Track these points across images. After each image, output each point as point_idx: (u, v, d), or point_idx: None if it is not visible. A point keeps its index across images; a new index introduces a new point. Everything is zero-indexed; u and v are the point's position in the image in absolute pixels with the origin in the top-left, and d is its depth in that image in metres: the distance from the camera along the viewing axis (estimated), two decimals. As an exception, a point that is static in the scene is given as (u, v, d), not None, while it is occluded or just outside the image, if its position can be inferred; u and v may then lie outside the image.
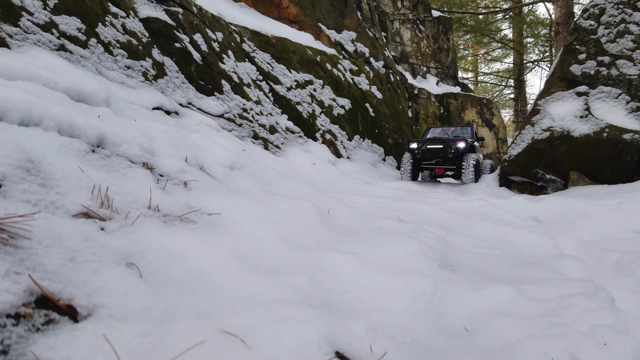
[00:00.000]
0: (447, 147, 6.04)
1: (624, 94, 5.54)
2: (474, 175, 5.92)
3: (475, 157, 5.97)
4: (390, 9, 9.86)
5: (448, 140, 6.10)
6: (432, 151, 6.09)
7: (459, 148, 6.02)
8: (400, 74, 8.85)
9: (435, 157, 6.04)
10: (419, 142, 6.25)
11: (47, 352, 0.89)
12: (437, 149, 6.08)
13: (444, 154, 6.03)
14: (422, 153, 6.11)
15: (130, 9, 3.98)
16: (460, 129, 7.07)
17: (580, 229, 3.22)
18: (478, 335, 1.40)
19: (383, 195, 4.52)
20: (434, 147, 6.12)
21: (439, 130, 7.21)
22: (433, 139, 6.22)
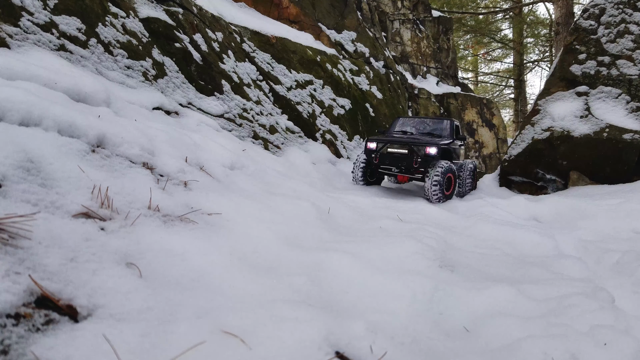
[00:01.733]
0: (413, 153, 4.17)
1: (624, 94, 5.54)
2: (439, 193, 4.04)
3: (446, 167, 4.10)
4: (390, 9, 9.87)
5: (415, 143, 4.24)
6: (393, 156, 4.25)
7: (429, 155, 4.14)
8: (400, 74, 8.85)
9: (396, 164, 4.27)
10: (379, 143, 4.41)
11: (47, 352, 0.89)
12: (400, 154, 4.25)
13: (407, 162, 4.19)
14: (381, 158, 4.31)
15: (130, 9, 3.98)
16: (438, 122, 4.97)
17: (581, 229, 3.22)
18: (478, 335, 1.40)
19: (383, 195, 4.51)
20: (396, 152, 4.26)
21: (411, 122, 5.08)
22: (397, 141, 4.32)
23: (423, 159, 4.18)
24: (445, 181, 4.16)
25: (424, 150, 4.21)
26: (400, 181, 4.69)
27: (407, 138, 4.48)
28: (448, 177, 4.22)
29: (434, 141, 4.35)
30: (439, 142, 4.35)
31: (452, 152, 4.72)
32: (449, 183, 4.27)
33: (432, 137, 4.64)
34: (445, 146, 4.49)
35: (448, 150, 4.60)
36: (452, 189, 4.31)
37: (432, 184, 4.02)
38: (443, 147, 4.42)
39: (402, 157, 4.28)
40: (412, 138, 4.50)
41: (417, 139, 4.43)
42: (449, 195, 4.26)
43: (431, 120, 5.06)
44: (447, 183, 4.21)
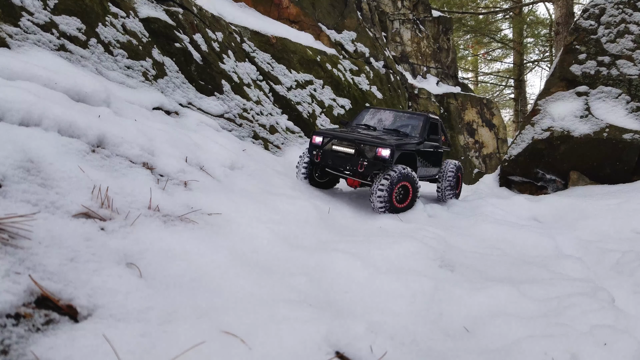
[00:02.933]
0: (360, 154, 3.18)
1: (624, 94, 5.54)
2: (384, 206, 3.09)
3: (397, 175, 3.09)
4: (390, 9, 9.87)
5: (365, 141, 3.20)
6: (337, 156, 3.26)
7: (379, 158, 3.10)
8: (400, 73, 8.85)
9: (340, 165, 3.25)
10: (325, 137, 3.37)
11: (47, 352, 0.89)
12: (345, 154, 3.25)
13: (352, 164, 3.18)
14: (323, 156, 3.31)
15: (130, 9, 3.98)
16: (411, 117, 3.92)
17: (581, 229, 3.22)
18: (478, 335, 1.40)
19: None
20: (340, 151, 3.27)
21: (380, 115, 4.05)
22: (344, 137, 3.30)
23: (371, 162, 3.09)
24: (401, 191, 3.18)
25: (375, 152, 3.09)
26: (350, 185, 3.56)
27: (358, 135, 3.33)
28: (403, 187, 3.17)
29: (390, 141, 3.18)
30: (399, 143, 3.23)
31: (420, 155, 3.58)
32: (406, 193, 3.20)
33: (396, 135, 3.56)
34: (408, 148, 3.38)
35: (411, 153, 3.46)
36: (410, 200, 3.23)
37: (376, 196, 3.06)
38: (403, 149, 3.28)
39: (347, 158, 3.18)
40: (364, 135, 3.35)
41: (370, 137, 3.28)
42: (403, 208, 3.19)
43: (405, 114, 3.98)
44: (402, 193, 3.20)
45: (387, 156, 3.09)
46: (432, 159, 3.91)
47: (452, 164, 4.29)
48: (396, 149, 3.17)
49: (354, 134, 3.42)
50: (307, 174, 3.65)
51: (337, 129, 3.87)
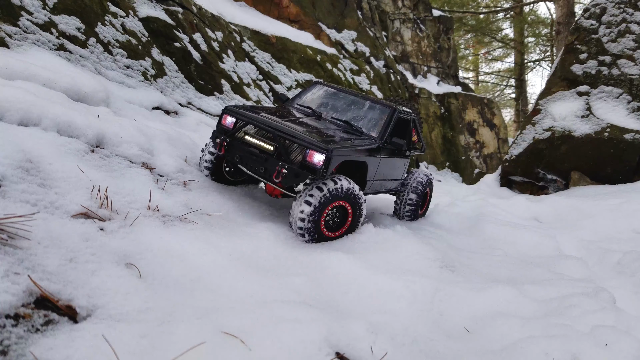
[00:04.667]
0: (280, 154, 2.09)
1: (625, 94, 5.53)
2: (308, 230, 2.03)
3: (331, 191, 2.04)
4: (390, 8, 9.86)
5: (293, 136, 2.06)
6: (248, 152, 2.15)
7: (307, 166, 2.02)
8: (400, 73, 8.84)
9: (253, 167, 2.15)
10: (240, 119, 2.24)
11: (47, 352, 0.88)
12: (259, 150, 2.16)
13: (267, 168, 2.09)
14: (231, 148, 2.21)
15: (129, 9, 3.98)
16: (373, 108, 2.74)
17: (582, 229, 3.22)
18: (479, 336, 1.40)
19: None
20: (255, 145, 2.18)
21: (333, 98, 2.85)
22: (264, 124, 2.13)
23: (293, 169, 1.98)
24: (335, 213, 2.11)
25: (304, 155, 2.01)
26: (270, 194, 2.36)
27: (285, 124, 2.13)
28: (340, 208, 2.12)
29: (330, 142, 2.08)
30: (342, 147, 2.11)
31: (375, 164, 2.45)
32: (343, 217, 2.15)
33: (345, 133, 2.39)
34: (357, 155, 2.25)
35: (362, 162, 2.35)
36: (347, 227, 2.17)
37: (296, 217, 1.99)
38: (348, 157, 2.16)
39: (261, 158, 2.08)
40: (296, 126, 2.19)
41: (303, 130, 2.15)
42: (336, 237, 2.13)
43: (366, 102, 2.73)
44: (338, 217, 2.14)
45: (319, 164, 1.93)
46: (392, 168, 2.75)
47: (421, 176, 3.10)
48: (335, 156, 1.97)
49: (282, 121, 2.16)
50: (212, 169, 2.35)
51: (266, 108, 2.55)
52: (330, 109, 2.77)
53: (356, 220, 2.23)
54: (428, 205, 3.41)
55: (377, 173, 2.58)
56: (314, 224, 2.01)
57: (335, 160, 2.04)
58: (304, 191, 2.06)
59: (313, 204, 1.99)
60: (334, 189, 2.05)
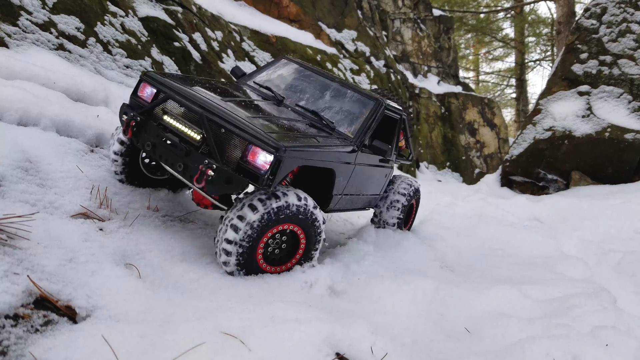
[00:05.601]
0: (208, 151, 1.41)
1: (625, 94, 5.53)
2: (238, 260, 1.38)
3: (279, 207, 1.40)
4: (391, 8, 9.85)
5: (230, 122, 1.39)
6: (164, 141, 1.43)
7: (247, 168, 1.37)
8: (401, 73, 8.84)
9: (168, 160, 1.42)
10: (163, 91, 1.51)
11: (46, 353, 0.88)
12: (179, 139, 1.45)
13: (189, 165, 1.40)
14: (141, 132, 1.47)
15: (129, 8, 3.97)
16: (354, 97, 2.06)
17: (582, 229, 3.21)
18: (479, 336, 1.40)
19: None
20: (175, 129, 1.46)
21: (300, 78, 2.16)
22: (191, 102, 1.44)
23: (222, 172, 1.38)
24: (282, 239, 1.55)
25: (244, 152, 1.43)
26: (198, 203, 1.71)
27: (224, 104, 1.54)
28: (290, 234, 1.56)
29: (286, 137, 1.52)
30: (300, 145, 1.52)
31: (345, 174, 1.89)
32: (293, 245, 1.60)
33: (311, 127, 1.81)
34: (321, 158, 1.67)
35: (329, 170, 1.78)
36: (298, 258, 1.61)
37: (222, 242, 1.42)
38: (307, 160, 1.57)
39: (180, 149, 1.46)
40: (241, 108, 1.61)
41: (246, 116, 1.53)
42: (279, 271, 1.56)
43: (347, 91, 2.10)
44: (287, 244, 1.58)
45: (264, 168, 1.37)
46: (370, 181, 2.15)
47: (404, 186, 2.50)
48: (288, 158, 1.40)
49: (221, 100, 1.55)
50: (123, 165, 1.71)
51: (207, 80, 1.85)
52: (296, 93, 2.05)
53: (311, 248, 1.56)
54: (413, 220, 2.78)
55: (349, 185, 1.90)
56: (246, 256, 1.36)
57: (289, 163, 1.39)
58: (237, 203, 1.40)
59: (242, 229, 1.34)
60: (277, 208, 1.38)
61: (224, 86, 1.88)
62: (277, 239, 1.51)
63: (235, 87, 1.94)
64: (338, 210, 2.05)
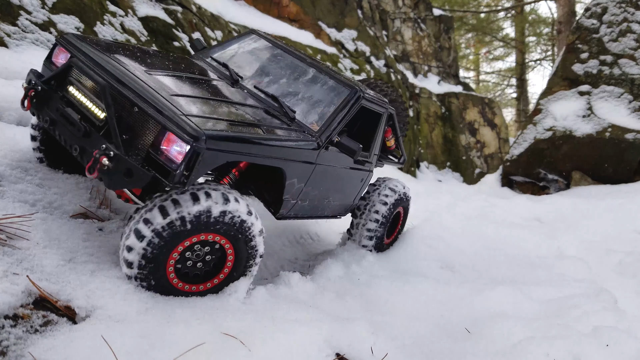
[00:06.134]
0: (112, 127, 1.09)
1: (626, 93, 5.52)
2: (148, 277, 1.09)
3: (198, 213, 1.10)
4: (391, 8, 9.84)
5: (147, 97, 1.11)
6: (62, 116, 1.17)
7: (157, 157, 1.09)
8: (401, 73, 8.84)
9: (65, 139, 1.17)
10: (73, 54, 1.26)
11: (46, 353, 0.88)
12: (79, 119, 1.15)
13: (85, 150, 1.14)
14: (40, 104, 1.24)
15: (129, 8, 3.97)
16: (326, 82, 1.72)
17: (583, 230, 3.20)
18: (479, 337, 1.39)
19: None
20: (77, 102, 1.20)
21: (267, 56, 1.87)
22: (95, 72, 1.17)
23: (123, 162, 1.09)
24: (204, 251, 1.22)
25: (156, 137, 1.14)
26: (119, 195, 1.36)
27: (142, 76, 1.25)
28: (211, 246, 1.22)
29: (216, 122, 1.21)
30: (239, 133, 1.25)
31: (302, 174, 1.59)
32: (218, 262, 1.26)
33: (264, 112, 1.53)
34: (264, 147, 1.34)
35: (275, 169, 1.47)
36: (224, 277, 1.27)
37: (124, 254, 1.11)
38: (240, 153, 1.24)
39: (78, 128, 1.17)
40: (170, 83, 1.33)
41: (167, 92, 1.22)
42: (207, 290, 1.24)
43: (318, 73, 1.81)
44: (211, 260, 1.24)
45: (178, 160, 1.12)
46: (339, 184, 1.86)
47: (386, 191, 2.12)
48: (212, 150, 1.15)
49: (143, 71, 1.31)
50: (45, 143, 1.48)
51: (143, 50, 1.61)
52: (259, 73, 1.78)
53: (242, 265, 1.26)
54: (400, 230, 2.30)
55: (308, 189, 1.59)
56: (152, 270, 1.11)
57: (212, 157, 1.12)
58: (143, 207, 1.14)
59: (147, 236, 1.08)
60: (195, 213, 1.11)
61: (165, 58, 1.58)
62: (198, 250, 1.17)
63: (182, 61, 1.65)
64: (295, 218, 1.71)
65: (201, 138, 1.07)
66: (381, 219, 2.05)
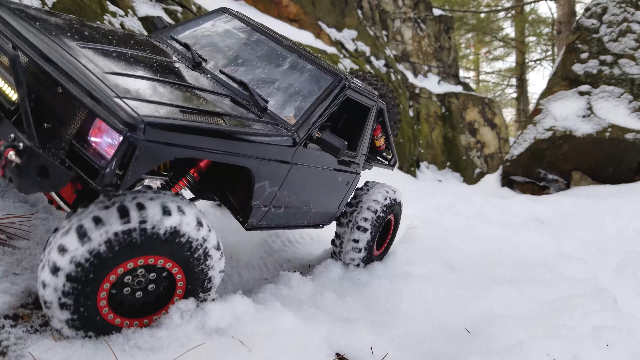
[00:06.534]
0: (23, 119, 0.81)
1: (626, 93, 5.52)
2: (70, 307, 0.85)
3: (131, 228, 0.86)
4: (391, 8, 9.84)
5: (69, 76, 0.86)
6: None
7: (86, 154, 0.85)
8: (401, 73, 8.84)
9: None
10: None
11: (46, 353, 0.88)
12: None
13: None
14: None
15: (128, 8, 3.97)
16: (303, 69, 1.46)
17: (583, 229, 3.20)
18: (479, 337, 1.39)
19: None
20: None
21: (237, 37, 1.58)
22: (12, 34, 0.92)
23: (35, 155, 0.82)
24: (149, 277, 0.97)
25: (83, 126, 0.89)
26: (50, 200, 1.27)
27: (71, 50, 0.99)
28: (150, 271, 0.96)
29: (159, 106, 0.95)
30: (193, 122, 0.98)
31: (268, 174, 1.30)
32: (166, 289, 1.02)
33: (230, 101, 1.27)
34: (225, 142, 1.06)
35: (244, 169, 1.22)
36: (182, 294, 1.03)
37: (41, 281, 0.88)
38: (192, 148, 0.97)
39: None
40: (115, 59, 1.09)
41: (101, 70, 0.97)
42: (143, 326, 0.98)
43: (295, 58, 1.55)
44: (161, 279, 1.00)
45: (108, 155, 0.88)
46: (320, 188, 1.64)
47: (376, 197, 1.87)
48: (155, 142, 0.90)
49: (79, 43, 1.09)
50: None
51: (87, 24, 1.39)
52: (227, 56, 1.53)
53: (196, 291, 1.05)
54: (391, 241, 2.06)
55: (282, 194, 1.38)
56: (78, 308, 0.90)
57: (154, 152, 0.91)
58: (59, 229, 0.93)
59: (64, 268, 0.87)
60: (124, 233, 0.90)
61: (110, 33, 1.32)
62: (140, 275, 0.94)
63: (132, 38, 1.38)
64: (268, 228, 1.43)
65: (138, 126, 0.82)
66: (370, 228, 1.76)
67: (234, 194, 1.30)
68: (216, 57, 1.49)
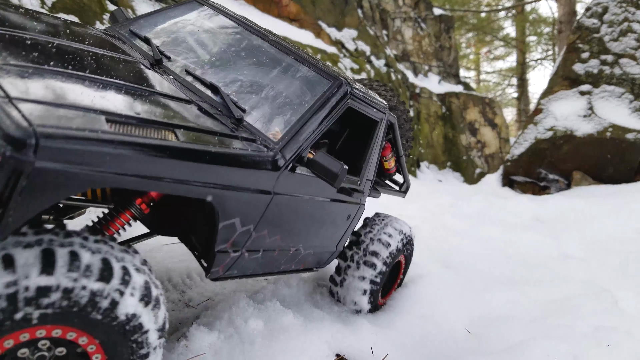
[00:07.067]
0: None
1: (627, 93, 5.50)
2: None
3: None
4: (391, 7, 9.83)
5: None
6: None
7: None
8: (401, 72, 8.82)
9: None
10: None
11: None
12: None
13: None
14: None
15: (128, 7, 3.97)
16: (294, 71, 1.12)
17: (584, 230, 3.20)
18: (480, 337, 1.39)
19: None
20: None
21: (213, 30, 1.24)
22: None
23: None
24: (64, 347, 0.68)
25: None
26: None
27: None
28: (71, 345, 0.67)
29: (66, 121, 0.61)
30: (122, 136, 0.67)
31: (240, 209, 0.92)
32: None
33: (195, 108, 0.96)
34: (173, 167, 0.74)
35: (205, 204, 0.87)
36: None
37: None
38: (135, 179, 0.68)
39: None
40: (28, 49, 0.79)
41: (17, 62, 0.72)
42: None
43: (284, 56, 1.22)
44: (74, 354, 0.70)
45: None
46: (312, 223, 1.30)
47: (393, 228, 1.59)
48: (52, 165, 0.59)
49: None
50: None
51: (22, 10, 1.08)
52: (198, 54, 1.25)
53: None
54: (400, 283, 1.71)
55: (260, 233, 1.07)
56: None
57: (54, 182, 0.63)
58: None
59: None
60: (8, 297, 0.63)
61: (35, 19, 1.04)
62: (43, 348, 0.70)
63: (69, 30, 1.10)
64: (241, 276, 1.09)
65: (27, 142, 0.57)
66: (381, 266, 1.40)
67: (196, 232, 0.96)
68: (183, 54, 1.17)
